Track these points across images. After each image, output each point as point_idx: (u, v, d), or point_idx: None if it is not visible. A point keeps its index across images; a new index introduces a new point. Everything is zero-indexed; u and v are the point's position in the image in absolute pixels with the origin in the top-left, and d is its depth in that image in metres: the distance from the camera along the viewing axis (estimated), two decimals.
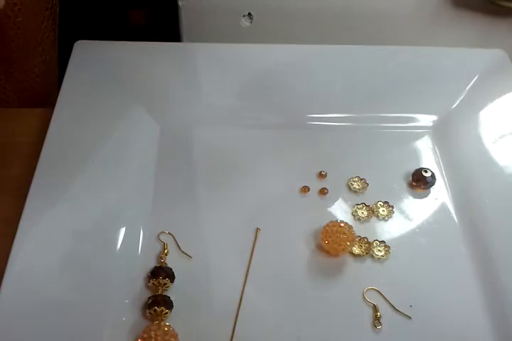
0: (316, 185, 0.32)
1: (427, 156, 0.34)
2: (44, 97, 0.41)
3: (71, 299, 0.26)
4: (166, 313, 0.26)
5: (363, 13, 0.43)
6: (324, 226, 0.29)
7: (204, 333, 0.26)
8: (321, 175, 0.33)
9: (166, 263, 0.28)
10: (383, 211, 0.31)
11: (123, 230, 0.29)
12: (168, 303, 0.27)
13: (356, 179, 0.33)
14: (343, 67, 0.37)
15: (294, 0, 0.43)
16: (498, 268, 0.29)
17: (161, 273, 0.27)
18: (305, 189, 0.32)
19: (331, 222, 0.29)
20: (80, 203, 0.29)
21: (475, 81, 0.35)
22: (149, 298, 0.27)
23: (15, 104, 0.41)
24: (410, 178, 0.32)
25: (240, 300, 0.27)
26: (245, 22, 0.44)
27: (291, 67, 0.37)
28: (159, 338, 0.25)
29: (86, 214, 0.29)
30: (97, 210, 0.29)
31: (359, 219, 0.31)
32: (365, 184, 0.32)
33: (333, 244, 0.28)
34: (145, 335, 0.25)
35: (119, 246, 0.28)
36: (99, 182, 0.30)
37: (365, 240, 0.30)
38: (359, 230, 0.30)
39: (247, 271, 0.28)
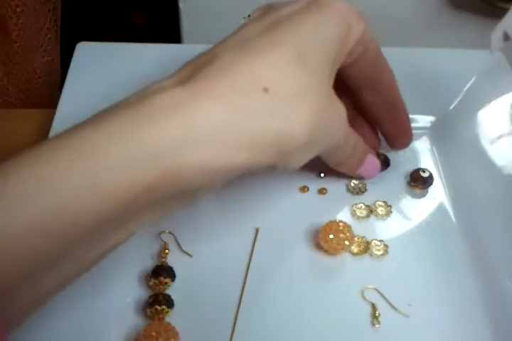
0: (315, 185, 0.32)
1: (425, 157, 0.34)
2: (46, 98, 0.42)
3: (71, 298, 0.26)
4: (167, 312, 0.26)
5: (362, 14, 0.43)
6: (323, 226, 0.29)
7: (204, 331, 0.26)
8: (320, 175, 0.33)
9: (166, 262, 0.29)
10: (382, 210, 0.31)
11: None
12: (168, 302, 0.27)
13: (355, 179, 0.33)
14: None
15: None
16: (496, 267, 0.29)
17: (161, 272, 0.28)
18: (304, 189, 0.32)
19: (330, 221, 0.29)
20: None
21: (473, 82, 0.35)
22: (150, 296, 0.27)
23: (17, 105, 0.42)
24: (408, 178, 0.33)
25: (240, 298, 0.28)
26: None
27: None
28: (160, 336, 0.25)
29: None
30: None
31: (358, 218, 0.31)
32: (364, 184, 0.33)
33: (332, 244, 0.29)
34: (146, 334, 0.25)
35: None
36: None
37: (364, 239, 0.30)
38: (358, 229, 0.30)
39: (247, 269, 0.29)
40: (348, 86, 0.29)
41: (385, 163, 0.33)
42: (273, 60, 0.23)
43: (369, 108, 0.30)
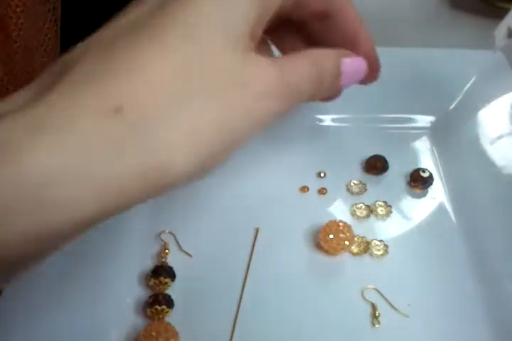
0: (315, 185, 0.32)
1: (425, 157, 0.34)
2: None
3: (72, 298, 0.26)
4: (167, 312, 0.27)
5: (362, 15, 0.43)
6: (323, 226, 0.29)
7: (204, 331, 0.27)
8: (320, 175, 0.33)
9: (166, 262, 0.29)
10: (382, 210, 0.31)
11: (124, 229, 0.29)
12: (168, 302, 0.27)
13: (355, 179, 0.33)
14: None
15: None
16: (496, 267, 0.29)
17: (161, 272, 0.28)
18: (304, 189, 0.32)
19: (330, 221, 0.29)
20: None
21: (472, 82, 0.35)
22: (150, 296, 0.27)
23: None
24: (408, 178, 0.33)
25: (240, 298, 0.28)
26: None
27: None
28: (160, 336, 0.25)
29: None
30: None
31: (358, 218, 0.31)
32: (364, 184, 0.33)
33: (332, 244, 0.29)
34: (146, 334, 0.25)
35: (119, 245, 0.29)
36: None
37: (364, 239, 0.30)
38: (358, 229, 0.30)
39: (247, 270, 0.29)
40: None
41: (384, 167, 0.33)
42: (138, 64, 0.17)
43: (322, 38, 0.25)
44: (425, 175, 0.32)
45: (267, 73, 0.20)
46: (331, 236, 0.28)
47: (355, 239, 0.30)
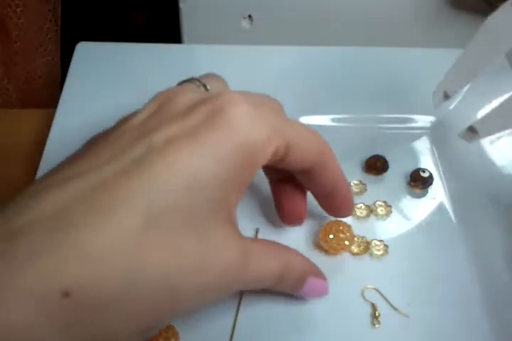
0: None
1: (425, 157, 0.34)
2: (46, 98, 0.42)
3: None
4: None
5: (363, 15, 0.43)
6: (323, 226, 0.29)
7: (204, 331, 0.26)
8: None
9: None
10: (382, 210, 0.31)
11: None
12: None
13: (355, 179, 0.33)
14: (343, 69, 0.37)
15: (294, 2, 0.43)
16: (496, 267, 0.29)
17: None
18: None
19: (330, 221, 0.29)
20: None
21: (472, 82, 0.35)
22: None
23: (17, 105, 0.42)
24: (408, 178, 0.33)
25: (240, 298, 0.28)
26: (246, 24, 0.44)
27: (290, 68, 0.37)
28: (160, 336, 0.25)
29: None
30: None
31: (358, 218, 0.31)
32: (364, 184, 0.33)
33: (332, 244, 0.29)
34: None
35: None
36: None
37: (364, 239, 0.30)
38: (358, 229, 0.30)
39: None
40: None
41: (384, 167, 0.33)
42: (88, 248, 0.16)
43: (304, 183, 0.27)
44: (425, 175, 0.32)
45: (228, 259, 0.20)
46: (331, 236, 0.28)
47: (355, 239, 0.30)
